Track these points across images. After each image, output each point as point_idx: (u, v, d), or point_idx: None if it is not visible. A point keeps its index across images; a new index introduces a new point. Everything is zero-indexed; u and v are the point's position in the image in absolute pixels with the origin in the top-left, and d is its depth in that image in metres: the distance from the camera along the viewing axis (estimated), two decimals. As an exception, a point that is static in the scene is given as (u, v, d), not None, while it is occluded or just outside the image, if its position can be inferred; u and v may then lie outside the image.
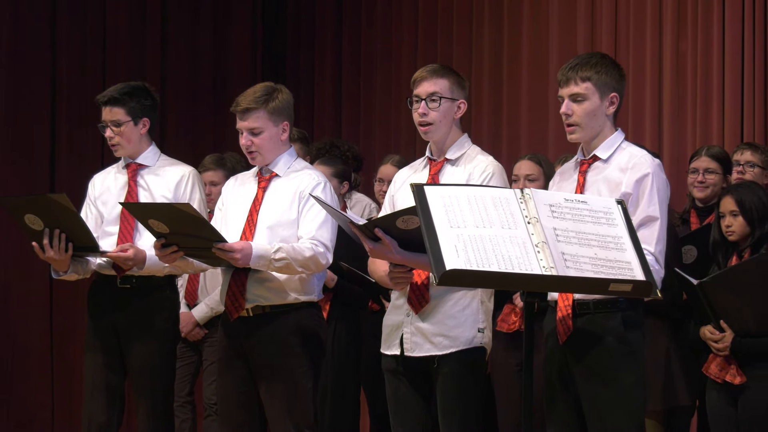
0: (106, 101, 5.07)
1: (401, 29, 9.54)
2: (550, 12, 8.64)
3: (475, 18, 9.10)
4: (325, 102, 9.96)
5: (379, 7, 9.68)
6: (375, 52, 9.68)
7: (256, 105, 4.67)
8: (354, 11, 9.84)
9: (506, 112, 8.87)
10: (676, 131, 8.00)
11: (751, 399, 4.74)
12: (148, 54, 9.24)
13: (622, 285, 3.30)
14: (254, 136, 4.68)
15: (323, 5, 10.01)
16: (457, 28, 9.20)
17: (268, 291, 4.62)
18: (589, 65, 4.08)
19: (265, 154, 4.72)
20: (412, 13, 9.49)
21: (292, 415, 4.62)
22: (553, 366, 4.05)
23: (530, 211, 3.35)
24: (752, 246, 4.86)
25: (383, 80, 9.58)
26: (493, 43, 9.00)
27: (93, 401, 5.04)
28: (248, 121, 4.68)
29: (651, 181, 3.99)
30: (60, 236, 4.75)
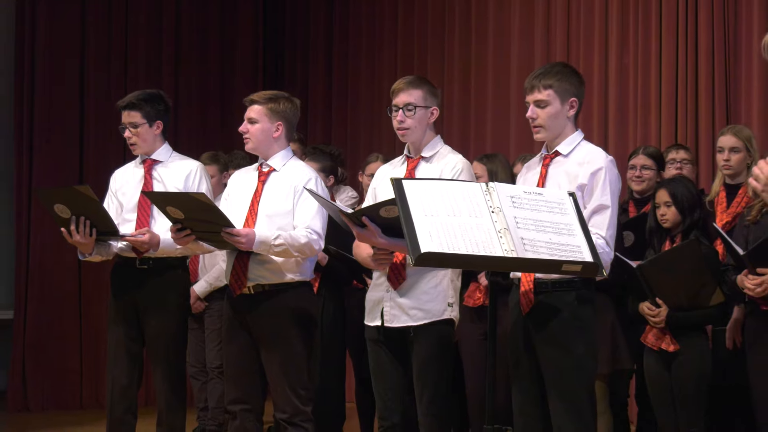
0: (125, 106, 5.06)
1: (382, 45, 9.54)
2: (512, 29, 8.64)
3: (446, 35, 9.10)
4: (317, 107, 9.95)
5: (363, 26, 9.68)
6: (360, 64, 9.68)
7: (259, 99, 4.74)
8: (342, 29, 9.83)
9: (473, 116, 8.87)
10: (619, 133, 8.00)
11: (682, 364, 4.75)
12: (164, 67, 9.21)
13: (572, 266, 3.30)
14: (250, 125, 4.73)
15: (316, 25, 10.00)
16: (431, 44, 9.19)
17: (268, 271, 4.61)
18: (551, 74, 4.08)
19: (256, 143, 4.75)
20: (392, 31, 9.49)
21: (289, 377, 4.62)
22: (518, 334, 4.05)
23: (494, 202, 3.35)
24: (683, 232, 4.86)
25: (367, 88, 9.58)
26: (462, 56, 8.99)
27: (116, 366, 5.02)
28: (249, 111, 4.75)
29: (604, 174, 3.99)
30: (85, 223, 4.73)
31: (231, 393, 4.79)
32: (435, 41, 9.18)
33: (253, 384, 4.76)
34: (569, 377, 3.92)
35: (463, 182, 3.84)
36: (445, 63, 9.07)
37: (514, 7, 8.67)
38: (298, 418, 4.64)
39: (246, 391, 4.74)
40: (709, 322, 4.85)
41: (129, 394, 5.02)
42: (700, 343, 4.79)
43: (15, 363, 8.31)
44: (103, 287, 6.07)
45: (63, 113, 8.57)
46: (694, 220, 4.86)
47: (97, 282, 8.15)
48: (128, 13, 9.00)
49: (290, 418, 4.63)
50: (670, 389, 4.80)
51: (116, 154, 7.89)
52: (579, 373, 3.93)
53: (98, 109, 8.62)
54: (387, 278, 4.35)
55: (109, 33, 8.87)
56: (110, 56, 8.86)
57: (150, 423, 5.21)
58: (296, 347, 4.63)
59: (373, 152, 6.99)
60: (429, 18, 9.23)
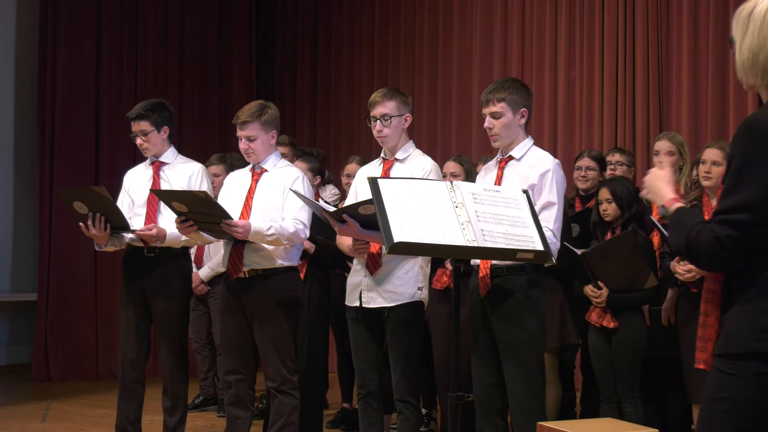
0: (135, 117, 5.03)
1: (360, 60, 9.54)
2: (473, 48, 8.67)
3: (416, 52, 9.12)
4: (304, 113, 9.94)
5: (344, 44, 9.66)
6: (341, 76, 9.68)
7: (251, 119, 4.66)
8: (325, 46, 9.83)
9: (440, 123, 8.89)
10: (566, 138, 8.03)
11: (621, 338, 4.76)
12: (170, 78, 9.16)
13: (525, 254, 3.31)
14: (250, 142, 4.68)
15: (302, 43, 9.98)
16: (403, 59, 9.20)
17: (261, 258, 4.61)
18: (503, 89, 4.08)
19: (258, 155, 4.72)
20: (369, 48, 9.49)
21: (278, 350, 4.62)
22: (476, 313, 4.06)
23: (458, 198, 3.35)
24: (622, 225, 4.88)
25: (347, 96, 9.59)
26: (430, 70, 9.00)
27: (126, 342, 5.01)
28: (246, 131, 4.68)
29: (552, 176, 4.01)
30: (100, 218, 4.72)
31: (227, 365, 4.82)
32: (407, 57, 9.19)
33: (246, 357, 4.76)
34: (522, 349, 3.93)
35: (432, 181, 3.84)
36: (415, 76, 9.08)
37: (475, 28, 8.69)
38: (286, 386, 4.64)
39: (240, 363, 4.74)
40: (644, 302, 4.87)
41: (138, 366, 5.01)
42: (637, 320, 4.80)
43: (38, 339, 8.27)
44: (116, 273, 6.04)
45: (80, 120, 8.52)
46: (632, 214, 4.87)
47: (111, 268, 8.11)
48: (138, 33, 8.94)
49: (279, 386, 4.64)
50: (610, 361, 4.81)
51: (127, 156, 7.87)
52: (530, 346, 3.95)
53: (111, 116, 8.57)
54: (365, 265, 4.35)
55: (121, 49, 8.83)
56: (122, 69, 8.81)
57: (156, 391, 5.19)
58: (284, 324, 4.63)
59: (352, 154, 7.00)
60: (401, 37, 9.25)
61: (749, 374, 2.25)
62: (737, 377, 2.27)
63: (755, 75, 2.38)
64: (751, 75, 2.39)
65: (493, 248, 3.26)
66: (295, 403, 4.68)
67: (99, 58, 8.67)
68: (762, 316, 2.25)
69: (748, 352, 2.25)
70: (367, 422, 4.44)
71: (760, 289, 2.27)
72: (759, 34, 2.35)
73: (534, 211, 3.52)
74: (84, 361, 8.45)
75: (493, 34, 8.55)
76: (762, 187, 2.24)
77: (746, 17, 2.39)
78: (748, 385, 2.26)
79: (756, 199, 2.23)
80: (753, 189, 2.24)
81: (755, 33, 2.36)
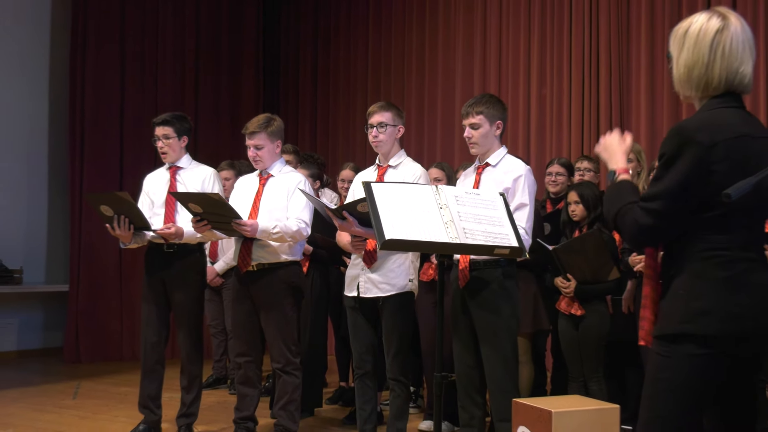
0: (161, 122, 5.02)
1: (356, 77, 9.54)
2: (456, 67, 8.68)
3: (405, 71, 9.14)
4: (305, 125, 9.94)
5: (341, 64, 9.67)
6: (339, 92, 9.69)
7: (259, 129, 4.65)
8: (324, 65, 9.84)
9: (426, 133, 8.89)
10: (539, 147, 8.04)
11: (587, 324, 4.77)
12: (185, 96, 9.17)
13: (502, 249, 3.29)
14: (258, 150, 4.67)
15: (304, 62, 9.98)
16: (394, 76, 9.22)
17: (267, 253, 4.60)
18: (481, 103, 4.08)
19: (265, 162, 4.70)
20: (363, 67, 9.50)
21: (282, 335, 4.61)
22: (457, 302, 4.04)
23: (442, 200, 3.33)
24: (588, 224, 4.88)
25: (344, 110, 9.60)
26: (418, 86, 9.01)
27: (148, 327, 4.99)
28: (254, 140, 4.66)
29: (523, 180, 4.00)
30: (124, 220, 4.70)
31: (237, 348, 4.80)
32: (397, 75, 9.20)
33: (254, 341, 4.76)
34: (497, 334, 3.92)
35: (418, 185, 3.83)
36: (404, 92, 9.09)
37: (457, 50, 8.70)
38: (289, 367, 4.64)
39: (249, 347, 4.74)
40: (608, 292, 4.86)
41: (158, 349, 4.99)
42: (601, 309, 4.80)
43: (69, 325, 8.24)
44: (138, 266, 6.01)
45: (106, 131, 8.50)
46: (597, 214, 4.87)
47: (133, 262, 8.13)
48: (157, 51, 8.94)
49: (283, 367, 4.63)
50: (577, 344, 4.81)
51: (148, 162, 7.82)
52: (505, 332, 3.93)
53: (134, 127, 8.57)
54: (362, 259, 4.33)
55: (142, 67, 8.81)
56: (143, 87, 8.80)
57: (175, 371, 5.18)
58: (288, 312, 4.62)
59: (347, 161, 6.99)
60: (392, 57, 9.25)
61: (683, 356, 2.25)
62: (672, 359, 2.27)
63: (690, 88, 2.40)
64: (687, 88, 2.41)
65: (474, 245, 3.25)
66: (297, 382, 4.67)
67: (123, 77, 8.66)
68: (695, 300, 2.25)
69: (681, 334, 2.25)
70: (363, 399, 4.42)
71: (692, 275, 2.27)
72: (693, 51, 2.36)
73: (509, 211, 3.50)
74: (110, 345, 8.42)
75: (474, 55, 8.56)
76: (677, 181, 2.24)
77: (682, 35, 2.40)
78: (682, 367, 2.25)
79: (671, 191, 2.25)
80: (669, 183, 2.26)
81: (690, 50, 2.37)
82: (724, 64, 2.33)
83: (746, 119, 2.33)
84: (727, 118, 2.29)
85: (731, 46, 2.33)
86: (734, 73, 2.33)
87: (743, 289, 2.24)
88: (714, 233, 2.26)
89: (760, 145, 2.30)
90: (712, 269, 2.25)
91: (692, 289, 2.25)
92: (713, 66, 2.33)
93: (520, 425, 3.65)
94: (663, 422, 2.27)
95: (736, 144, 2.25)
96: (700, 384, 2.25)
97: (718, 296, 2.23)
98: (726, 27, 2.34)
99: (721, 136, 2.24)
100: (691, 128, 2.26)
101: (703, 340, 2.22)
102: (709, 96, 2.36)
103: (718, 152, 2.22)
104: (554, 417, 3.49)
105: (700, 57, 2.34)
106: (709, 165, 2.22)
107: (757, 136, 2.31)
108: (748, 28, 2.38)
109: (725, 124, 2.27)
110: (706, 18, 2.37)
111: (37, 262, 8.57)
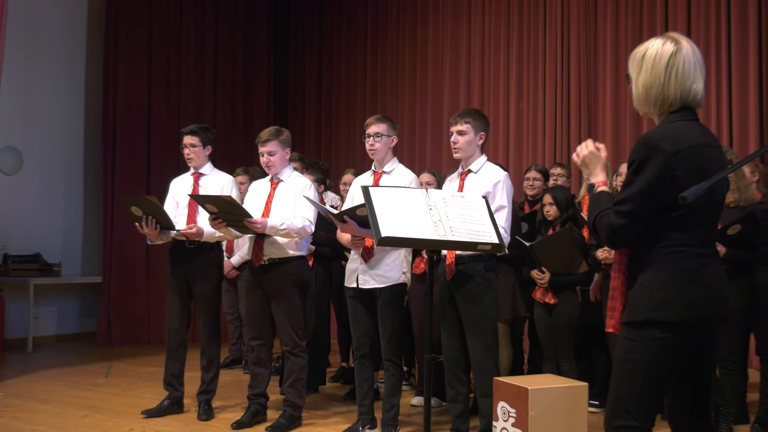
0: (188, 132, 5.00)
1: (356, 92, 9.55)
2: (444, 84, 8.70)
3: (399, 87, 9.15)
4: (311, 134, 9.93)
5: (342, 80, 9.66)
6: (340, 105, 9.69)
7: (271, 138, 4.64)
8: (327, 82, 9.83)
9: (418, 143, 8.90)
10: (517, 155, 8.05)
11: (559, 312, 4.77)
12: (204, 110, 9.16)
13: (484, 246, 3.29)
14: (271, 156, 4.65)
15: (310, 79, 9.98)
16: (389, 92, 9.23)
17: (276, 249, 4.58)
18: (469, 114, 4.10)
19: (277, 167, 4.68)
20: (362, 84, 9.51)
21: (290, 321, 4.59)
22: (444, 293, 4.04)
23: (431, 202, 3.33)
24: (561, 223, 4.88)
25: (345, 121, 9.60)
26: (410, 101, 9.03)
27: (171, 315, 4.98)
28: (267, 147, 4.65)
29: (502, 185, 4.01)
30: (151, 220, 4.69)
31: (250, 333, 4.77)
32: (391, 91, 9.21)
33: (266, 327, 4.74)
34: (480, 321, 3.92)
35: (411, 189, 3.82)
36: (398, 106, 9.10)
37: (445, 70, 8.71)
38: (296, 349, 4.62)
39: (261, 332, 4.72)
40: (578, 283, 4.87)
41: (181, 334, 4.98)
42: (572, 298, 4.80)
43: (102, 312, 8.23)
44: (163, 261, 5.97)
45: (135, 142, 8.50)
46: (569, 215, 4.87)
47: (159, 257, 8.11)
48: (180, 72, 8.94)
49: (291, 349, 4.62)
50: (551, 330, 4.81)
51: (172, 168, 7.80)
52: (486, 318, 3.94)
53: (160, 137, 8.56)
54: (361, 255, 4.32)
55: (167, 85, 8.81)
56: (168, 102, 8.79)
57: (195, 353, 5.17)
58: (295, 301, 4.60)
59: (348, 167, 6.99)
60: (387, 75, 9.27)
61: (648, 339, 2.26)
62: (639, 342, 2.27)
63: (649, 105, 2.40)
64: (645, 105, 2.41)
65: (459, 241, 3.24)
66: (303, 363, 4.66)
67: (150, 95, 8.65)
68: (658, 290, 2.25)
69: (647, 320, 2.25)
70: (361, 377, 4.42)
71: (656, 268, 2.27)
72: (651, 73, 2.36)
73: (491, 212, 3.50)
74: (138, 330, 8.41)
75: (459, 75, 8.58)
76: (645, 186, 2.25)
77: (640, 59, 2.41)
78: (648, 349, 2.26)
79: (640, 195, 2.26)
80: (638, 187, 2.26)
81: (648, 71, 2.37)
82: (678, 84, 2.34)
83: (702, 131, 2.34)
84: (686, 130, 2.30)
85: (684, 68, 2.34)
86: (687, 90, 2.34)
87: (700, 281, 2.25)
88: (675, 232, 2.26)
89: (714, 153, 2.32)
90: (674, 264, 2.26)
91: (656, 281, 2.26)
92: (669, 85, 2.34)
93: (501, 400, 3.66)
94: (630, 397, 2.28)
95: (695, 152, 2.26)
96: (663, 364, 2.26)
97: (679, 287, 2.24)
98: (679, 51, 2.35)
99: (683, 145, 2.25)
100: (657, 138, 2.27)
101: (665, 326, 2.23)
102: (667, 111, 2.37)
103: (680, 159, 2.23)
104: (530, 393, 3.50)
105: (657, 78, 2.35)
106: (672, 171, 2.23)
107: (712, 145, 2.33)
108: (698, 50, 2.39)
109: (685, 135, 2.28)
110: (660, 43, 2.38)
111: (74, 257, 8.56)
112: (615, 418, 2.30)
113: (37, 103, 8.25)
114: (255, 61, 9.77)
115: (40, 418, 4.91)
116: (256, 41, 9.79)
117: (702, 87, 2.37)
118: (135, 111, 8.51)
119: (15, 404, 5.29)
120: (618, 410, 2.30)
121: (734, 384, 4.48)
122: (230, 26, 9.49)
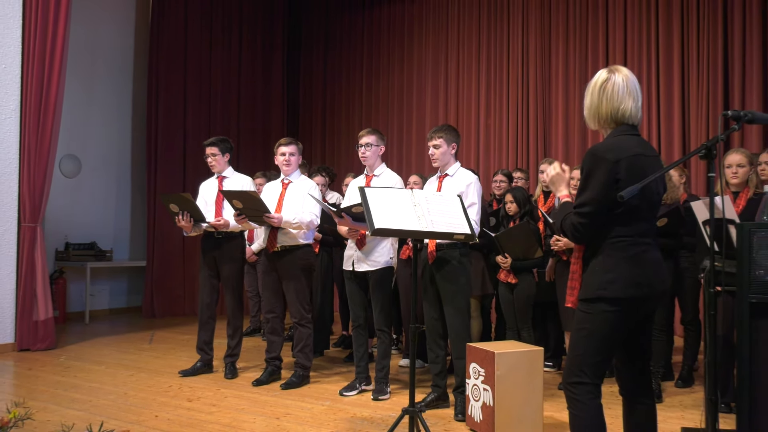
0: (209, 144, 4.96)
1: (354, 108, 9.48)
2: (426, 102, 8.65)
3: (389, 104, 9.08)
4: (317, 144, 9.85)
5: (343, 100, 9.60)
6: (341, 118, 9.62)
7: (292, 142, 4.64)
8: (331, 99, 9.76)
9: (405, 151, 8.85)
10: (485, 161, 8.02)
11: (519, 290, 4.76)
12: (230, 125, 9.09)
13: (459, 235, 3.27)
14: (291, 156, 4.61)
15: (317, 98, 9.91)
16: (381, 110, 9.17)
17: (288, 238, 4.54)
18: (442, 130, 4.06)
19: (293, 167, 4.64)
20: (359, 101, 9.44)
21: (299, 298, 4.56)
22: (426, 274, 4.01)
23: (416, 200, 3.30)
24: (520, 217, 4.86)
25: (346, 133, 9.52)
26: (399, 116, 8.97)
27: (203, 292, 4.94)
28: (289, 148, 4.61)
29: (473, 186, 3.98)
30: (186, 214, 4.66)
31: (266, 307, 4.74)
32: (383, 108, 9.16)
33: (278, 303, 4.70)
34: (456, 297, 3.89)
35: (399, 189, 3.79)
36: (389, 121, 9.05)
37: (427, 91, 8.67)
38: (304, 320, 4.59)
39: (275, 306, 4.69)
40: (535, 266, 4.84)
41: (211, 308, 4.94)
42: (530, 278, 4.78)
43: (147, 290, 8.17)
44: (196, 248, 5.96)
45: (173, 149, 8.44)
46: (526, 210, 4.86)
47: (193, 245, 8.08)
48: (210, 90, 8.86)
49: (299, 320, 4.58)
50: (512, 304, 4.80)
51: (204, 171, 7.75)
52: (461, 295, 3.91)
53: (193, 147, 8.48)
54: (355, 243, 4.29)
55: (199, 102, 8.74)
56: (200, 116, 8.73)
57: (222, 324, 5.14)
58: (303, 281, 4.57)
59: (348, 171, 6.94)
60: (380, 95, 9.21)
61: (599, 312, 2.28)
62: (591, 314, 2.30)
63: (596, 123, 2.45)
64: (590, 122, 2.46)
65: (439, 231, 3.22)
66: (310, 332, 4.63)
67: (185, 109, 8.58)
68: (606, 273, 2.27)
69: (597, 297, 2.27)
70: (357, 343, 4.40)
71: (605, 255, 2.29)
72: (590, 96, 2.44)
73: (464, 208, 3.48)
74: (176, 304, 8.35)
75: (438, 95, 8.55)
76: (596, 189, 2.27)
77: (589, 86, 2.47)
78: (599, 320, 2.28)
79: (594, 197, 2.27)
80: (592, 191, 2.28)
81: (589, 96, 2.45)
82: (608, 105, 2.38)
83: (641, 143, 2.36)
84: (626, 142, 2.32)
85: (612, 92, 2.38)
86: (616, 110, 2.37)
87: (642, 264, 2.27)
88: (619, 226, 2.28)
89: (649, 161, 2.33)
90: (619, 251, 2.27)
91: (605, 265, 2.28)
92: (601, 106, 2.39)
93: (472, 362, 3.65)
94: (583, 359, 2.30)
95: (634, 160, 2.28)
96: (611, 332, 2.28)
97: (623, 269, 2.26)
98: (609, 79, 2.40)
99: (623, 154, 2.27)
100: (602, 150, 2.29)
101: (613, 301, 2.25)
102: (610, 127, 2.40)
103: (621, 167, 2.25)
104: (497, 356, 3.48)
105: (593, 100, 2.41)
106: (615, 176, 2.25)
107: (648, 155, 2.34)
108: (632, 77, 2.41)
109: (625, 146, 2.30)
110: (600, 73, 2.44)
111: (123, 244, 8.49)
112: (571, 375, 2.32)
113: (92, 119, 8.18)
114: (271, 84, 9.70)
115: (95, 376, 4.87)
116: (272, 67, 9.72)
117: (631, 107, 2.38)
118: (173, 125, 8.45)
119: (75, 365, 5.25)
120: (574, 369, 2.32)
121: (662, 348, 4.48)
122: (252, 56, 9.43)
